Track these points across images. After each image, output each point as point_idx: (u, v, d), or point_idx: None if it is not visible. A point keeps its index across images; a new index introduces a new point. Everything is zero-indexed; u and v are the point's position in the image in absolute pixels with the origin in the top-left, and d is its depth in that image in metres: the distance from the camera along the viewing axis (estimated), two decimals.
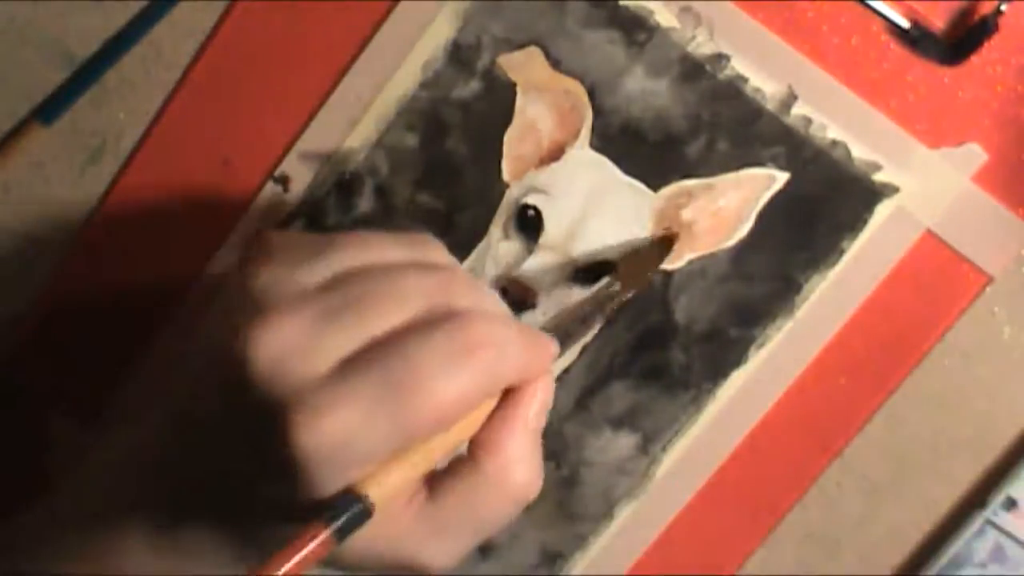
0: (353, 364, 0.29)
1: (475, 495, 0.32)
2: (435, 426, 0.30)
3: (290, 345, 0.29)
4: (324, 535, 0.28)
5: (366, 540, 0.30)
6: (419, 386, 0.29)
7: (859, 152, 0.43)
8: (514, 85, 0.43)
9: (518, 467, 0.32)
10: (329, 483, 0.29)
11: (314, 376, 0.29)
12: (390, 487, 0.30)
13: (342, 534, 0.29)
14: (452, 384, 0.29)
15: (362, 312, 0.30)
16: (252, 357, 0.29)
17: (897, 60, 0.43)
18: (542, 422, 0.33)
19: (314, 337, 0.29)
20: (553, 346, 0.34)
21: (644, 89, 0.43)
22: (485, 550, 0.48)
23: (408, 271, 0.31)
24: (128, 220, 0.45)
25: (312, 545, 0.28)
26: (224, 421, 0.31)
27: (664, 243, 0.43)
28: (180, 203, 0.45)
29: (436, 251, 0.34)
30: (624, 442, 0.46)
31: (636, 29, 0.42)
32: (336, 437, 0.28)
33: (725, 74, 0.42)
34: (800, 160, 0.43)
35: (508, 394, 0.33)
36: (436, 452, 0.31)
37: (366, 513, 0.29)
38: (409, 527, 0.31)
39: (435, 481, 0.32)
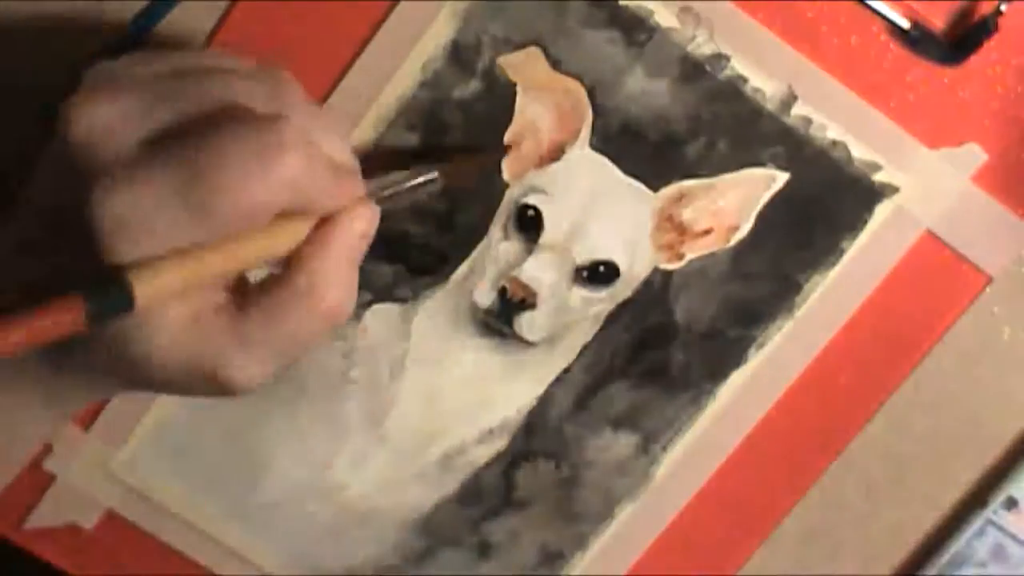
0: (160, 146, 0.30)
1: (283, 310, 0.32)
2: (229, 223, 0.30)
3: (102, 121, 0.30)
4: (75, 307, 0.28)
5: (170, 343, 0.31)
6: (219, 176, 0.29)
7: (859, 152, 0.43)
8: (514, 85, 0.43)
9: (329, 286, 0.32)
10: (118, 258, 0.29)
11: (124, 151, 0.30)
12: (164, 283, 0.29)
13: (96, 314, 0.28)
14: (253, 182, 0.29)
15: (181, 96, 0.31)
16: (69, 130, 0.30)
17: (897, 60, 0.43)
18: (360, 250, 0.33)
19: (130, 116, 0.30)
20: (358, 183, 0.33)
21: (644, 89, 0.43)
22: (485, 550, 0.48)
23: (238, 70, 0.32)
24: None
25: (56, 310, 0.28)
26: (56, 197, 0.32)
27: (497, 154, 0.43)
28: None
29: (288, 85, 0.34)
30: (624, 442, 0.46)
31: (636, 29, 0.42)
32: (128, 212, 0.29)
33: (725, 74, 0.42)
34: (800, 160, 0.43)
35: (324, 220, 0.33)
36: (230, 262, 0.31)
37: (125, 300, 0.29)
38: (215, 337, 0.31)
39: (246, 296, 0.32)
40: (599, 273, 0.43)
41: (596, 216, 0.43)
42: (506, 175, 0.44)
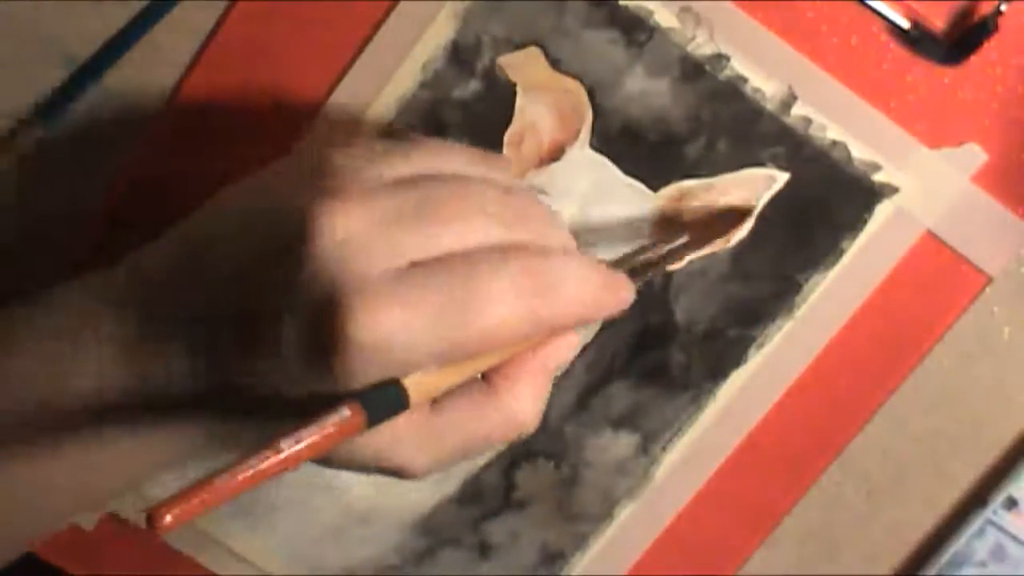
0: (421, 269, 0.29)
1: (479, 417, 0.33)
2: (482, 349, 0.30)
3: (361, 234, 0.29)
4: (356, 414, 0.28)
5: (361, 440, 0.30)
6: (482, 308, 0.29)
7: (859, 152, 0.43)
8: (514, 85, 0.43)
9: (528, 400, 0.33)
10: (365, 379, 0.29)
11: (380, 271, 0.29)
12: (427, 387, 0.30)
13: (373, 419, 0.28)
14: (514, 315, 0.30)
15: (439, 221, 0.30)
16: (320, 234, 0.29)
17: (897, 60, 0.43)
18: (560, 368, 0.34)
19: (387, 233, 0.29)
20: (628, 288, 0.33)
21: (644, 89, 0.43)
22: (485, 550, 0.48)
23: (487, 187, 0.32)
24: (129, 221, 0.45)
25: (338, 420, 0.28)
26: (262, 281, 0.31)
27: (739, 214, 0.43)
28: (181, 204, 0.45)
29: (510, 174, 0.34)
30: (624, 442, 0.46)
31: (636, 29, 0.42)
32: (387, 335, 0.28)
33: (725, 74, 0.42)
34: (800, 160, 0.43)
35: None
36: (471, 369, 0.31)
37: (401, 403, 0.29)
38: (406, 433, 0.31)
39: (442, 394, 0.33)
40: None
41: (596, 216, 0.43)
42: None
